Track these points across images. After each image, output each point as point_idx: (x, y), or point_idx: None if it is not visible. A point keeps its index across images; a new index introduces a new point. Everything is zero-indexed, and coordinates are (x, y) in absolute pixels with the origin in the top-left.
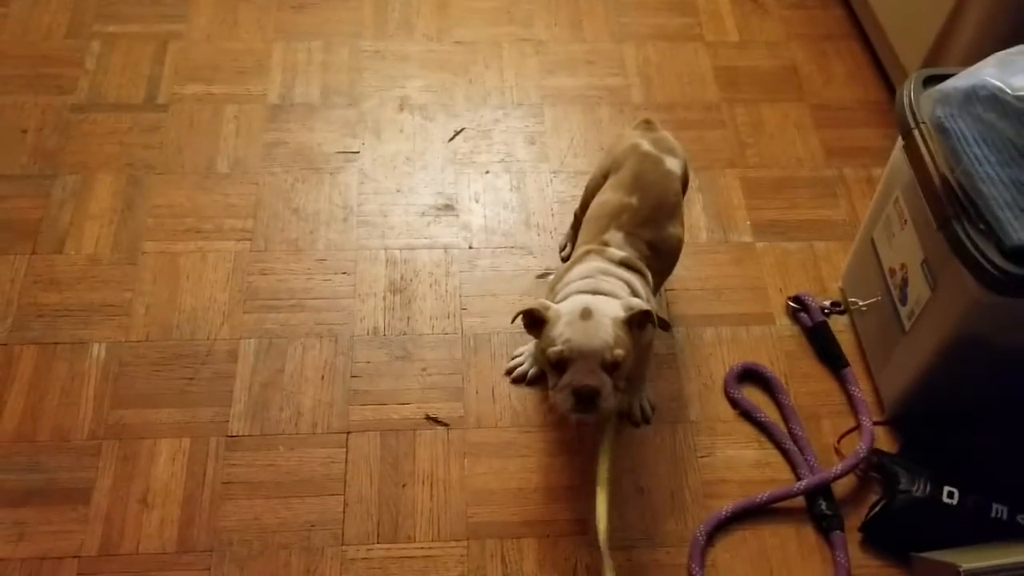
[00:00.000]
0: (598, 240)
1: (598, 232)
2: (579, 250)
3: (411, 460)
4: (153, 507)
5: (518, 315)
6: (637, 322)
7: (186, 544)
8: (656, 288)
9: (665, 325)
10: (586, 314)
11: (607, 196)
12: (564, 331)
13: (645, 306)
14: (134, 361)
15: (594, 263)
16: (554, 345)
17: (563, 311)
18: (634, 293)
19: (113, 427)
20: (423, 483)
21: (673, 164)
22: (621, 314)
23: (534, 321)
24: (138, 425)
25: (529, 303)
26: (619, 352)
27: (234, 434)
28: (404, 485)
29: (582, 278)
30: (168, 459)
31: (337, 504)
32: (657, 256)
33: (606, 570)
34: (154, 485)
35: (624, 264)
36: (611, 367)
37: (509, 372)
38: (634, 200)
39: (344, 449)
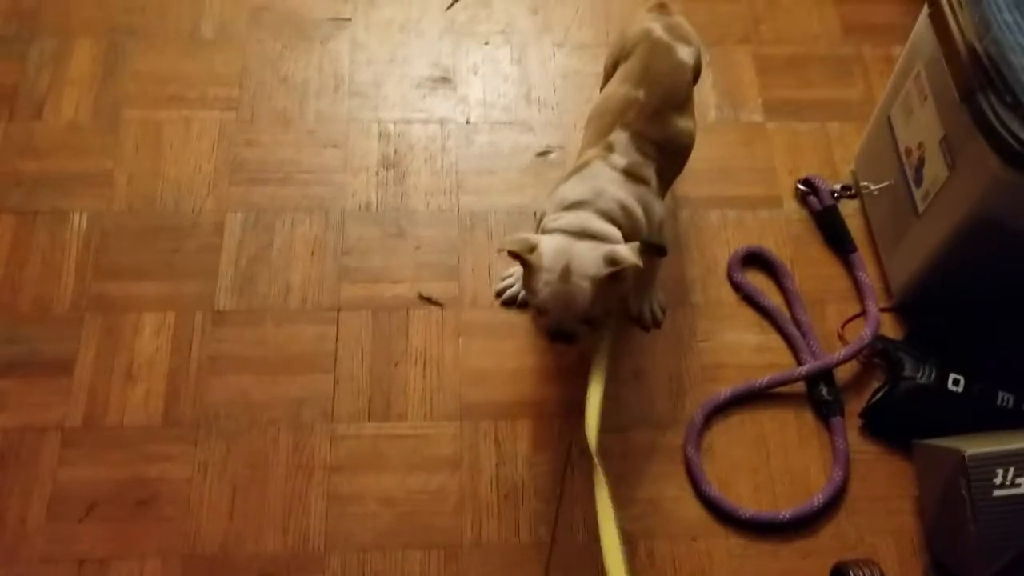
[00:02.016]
0: (603, 142)
1: (603, 132)
2: (582, 156)
3: (404, 339)
4: (138, 380)
5: (504, 250)
6: (615, 274)
7: (172, 418)
8: (665, 191)
9: (661, 251)
10: (565, 276)
11: (613, 89)
12: (543, 290)
13: (629, 259)
14: (116, 232)
15: (592, 181)
16: (534, 297)
17: (545, 263)
18: (631, 217)
19: (96, 299)
20: (416, 362)
21: (686, 54)
22: (603, 271)
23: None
24: (121, 297)
25: (512, 242)
26: (595, 312)
27: (221, 308)
28: (396, 364)
29: (574, 203)
30: (153, 332)
31: (327, 381)
32: (666, 156)
33: (597, 481)
34: (138, 358)
35: (626, 172)
36: (587, 320)
37: (499, 294)
38: (641, 94)
39: (335, 326)
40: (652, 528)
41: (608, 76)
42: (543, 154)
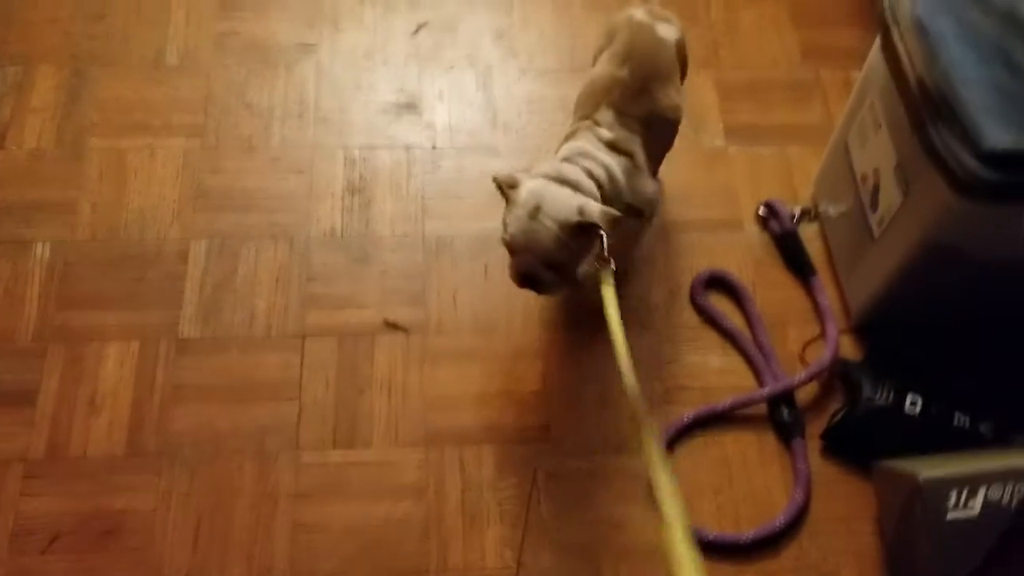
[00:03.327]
0: (590, 119)
1: (590, 110)
2: (573, 126)
3: (369, 365)
4: (101, 410)
5: (493, 180)
6: (585, 229)
7: (136, 448)
8: (655, 168)
9: (639, 214)
10: (534, 213)
11: (599, 70)
12: (512, 223)
13: (595, 217)
14: (80, 261)
15: (578, 143)
16: (504, 231)
17: (520, 199)
18: (612, 180)
19: (59, 329)
20: (381, 389)
21: (667, 31)
22: (572, 218)
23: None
24: (85, 327)
25: (500, 175)
26: (558, 257)
27: (185, 337)
28: (361, 391)
29: (561, 158)
30: (116, 362)
31: (292, 409)
32: (653, 132)
33: (642, 426)
34: (102, 388)
35: (612, 146)
36: (553, 266)
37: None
38: (625, 73)
39: (299, 354)
40: (616, 550)
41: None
42: None
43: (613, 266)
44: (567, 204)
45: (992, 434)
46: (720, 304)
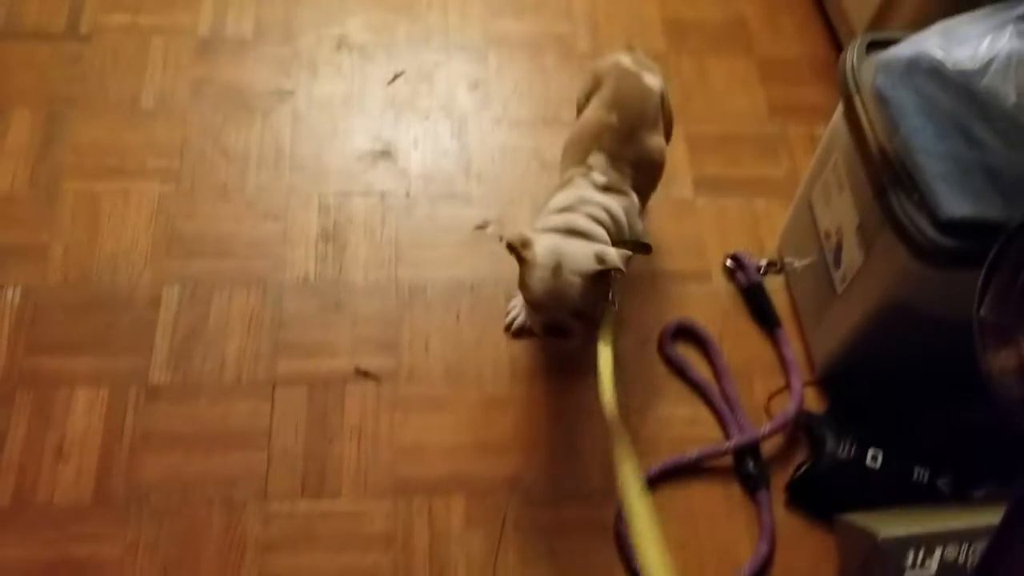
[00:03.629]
0: (583, 165)
1: (582, 156)
2: (565, 174)
3: (339, 414)
4: (69, 458)
5: (503, 241)
6: (603, 273)
7: (103, 496)
8: (643, 205)
9: (647, 248)
10: (557, 271)
11: (588, 115)
12: (536, 286)
13: (616, 262)
14: (51, 305)
15: (576, 190)
16: (528, 292)
17: (538, 259)
18: (615, 221)
19: (28, 374)
20: (351, 438)
21: (652, 81)
22: (592, 267)
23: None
24: (54, 372)
25: (511, 237)
26: (583, 306)
27: (155, 384)
28: (331, 440)
29: (562, 209)
30: (85, 409)
31: (261, 458)
32: (640, 173)
33: (618, 444)
34: (70, 435)
35: (607, 189)
36: (579, 315)
37: (508, 327)
38: (614, 118)
39: (270, 402)
40: None
41: (581, 109)
42: (481, 227)
43: (616, 306)
44: (586, 255)
45: (950, 489)
46: (688, 354)
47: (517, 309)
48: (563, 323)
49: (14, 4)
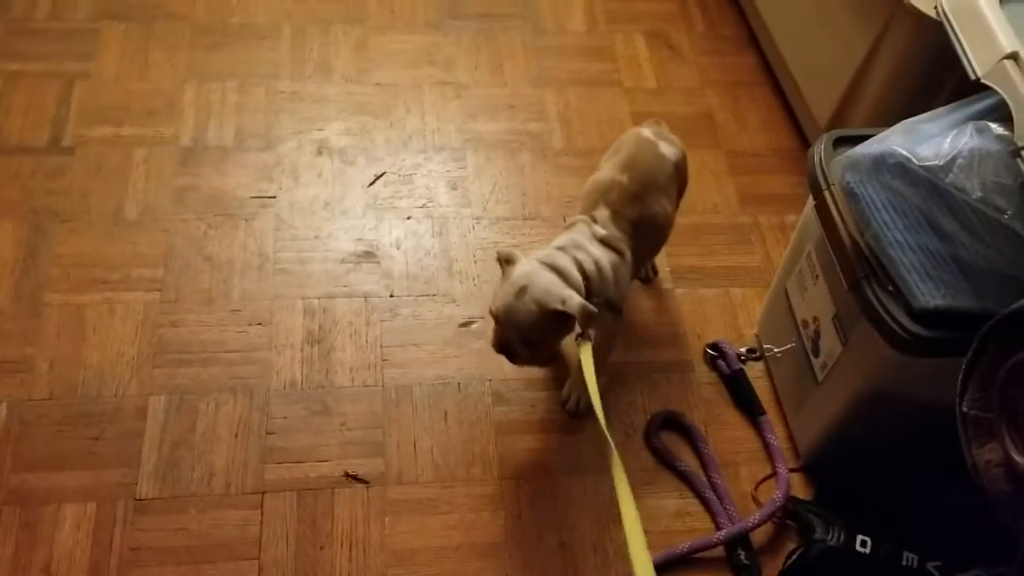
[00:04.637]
0: (589, 215)
1: (589, 207)
2: (571, 219)
3: (329, 520)
4: None
5: (496, 254)
6: (562, 317)
7: None
8: (641, 264)
9: (615, 308)
10: (520, 293)
11: (602, 173)
12: (500, 298)
13: (573, 310)
14: (36, 421)
15: (575, 235)
16: (493, 303)
17: (512, 277)
18: (601, 274)
19: (14, 491)
20: (342, 544)
21: (668, 150)
22: (551, 304)
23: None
24: (41, 489)
25: (503, 251)
26: (533, 336)
27: (143, 497)
28: (322, 547)
29: (558, 247)
30: (73, 525)
31: (252, 569)
32: (642, 234)
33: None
34: (58, 553)
35: (604, 242)
36: (528, 343)
37: (565, 404)
38: (624, 178)
39: (259, 511)
40: None
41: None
42: (466, 325)
43: (592, 340)
44: (552, 291)
45: (940, 573)
46: (674, 444)
47: (567, 390)
48: (512, 346)
49: None
